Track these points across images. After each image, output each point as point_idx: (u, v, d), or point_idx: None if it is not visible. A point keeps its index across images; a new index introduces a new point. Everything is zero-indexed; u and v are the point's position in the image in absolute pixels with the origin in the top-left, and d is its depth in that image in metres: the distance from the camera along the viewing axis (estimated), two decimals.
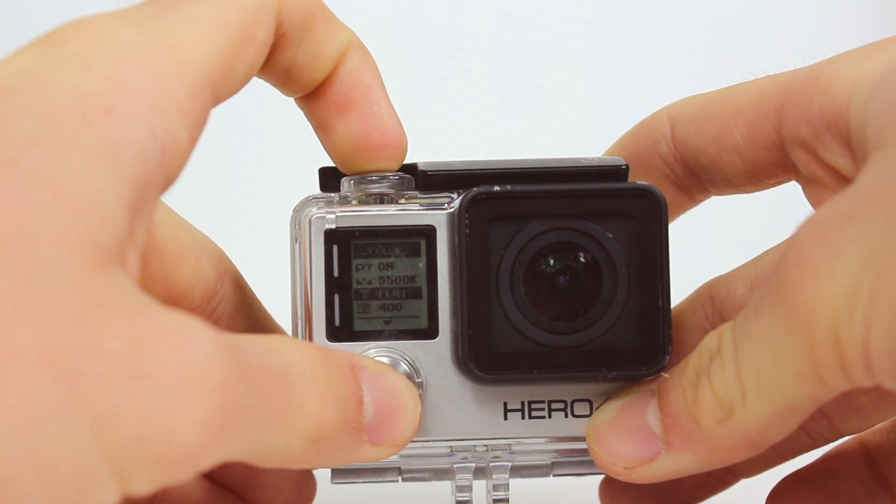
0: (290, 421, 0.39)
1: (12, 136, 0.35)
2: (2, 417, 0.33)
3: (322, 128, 0.49)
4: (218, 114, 0.43)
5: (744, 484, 0.56)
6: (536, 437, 0.49)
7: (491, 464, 0.50)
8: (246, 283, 0.53)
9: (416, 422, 0.44)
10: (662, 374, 0.47)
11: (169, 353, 0.35)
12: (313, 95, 0.48)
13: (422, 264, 0.48)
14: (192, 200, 0.53)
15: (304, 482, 0.55)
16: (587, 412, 0.49)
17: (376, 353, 0.48)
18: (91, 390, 0.33)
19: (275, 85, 0.48)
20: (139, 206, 0.37)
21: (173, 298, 0.50)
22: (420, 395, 0.47)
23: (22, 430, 0.33)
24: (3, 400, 0.33)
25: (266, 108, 0.67)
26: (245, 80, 0.43)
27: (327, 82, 0.48)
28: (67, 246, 0.35)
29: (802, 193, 0.51)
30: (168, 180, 0.39)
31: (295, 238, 0.49)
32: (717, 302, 0.54)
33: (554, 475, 0.50)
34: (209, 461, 0.36)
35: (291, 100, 0.49)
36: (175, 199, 0.45)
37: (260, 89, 0.48)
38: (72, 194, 0.35)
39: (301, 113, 0.50)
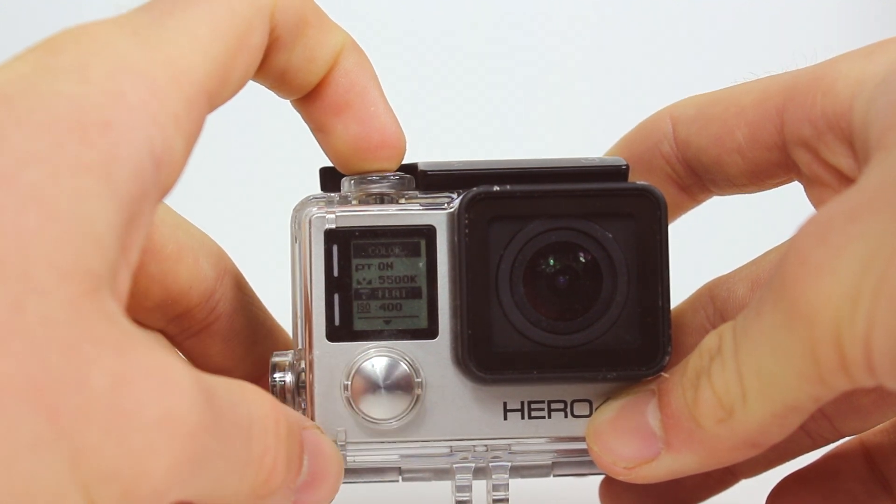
0: (246, 473, 0.40)
1: (11, 151, 0.35)
2: None
3: (320, 130, 0.49)
4: (218, 114, 0.43)
5: (744, 484, 0.56)
6: (536, 437, 0.49)
7: (491, 464, 0.50)
8: (246, 283, 0.53)
9: (336, 490, 0.45)
10: (662, 374, 0.47)
11: (150, 395, 0.35)
12: (310, 98, 0.48)
13: (422, 264, 0.48)
14: (192, 200, 0.53)
15: None
16: (587, 412, 0.49)
17: (376, 352, 0.48)
18: (73, 424, 0.34)
19: (270, 88, 0.48)
20: (133, 222, 0.37)
21: (171, 298, 0.50)
22: (416, 394, 0.48)
23: (3, 459, 0.33)
24: None
25: (266, 107, 0.67)
26: (240, 86, 0.43)
27: (323, 84, 0.48)
28: (60, 272, 0.35)
29: (804, 194, 0.51)
30: (163, 192, 0.39)
31: (295, 238, 0.49)
32: (717, 302, 0.54)
33: (554, 475, 0.50)
34: (169, 500, 0.36)
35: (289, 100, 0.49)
36: (175, 199, 0.45)
37: (259, 89, 0.48)
38: (67, 218, 0.35)
39: (299, 114, 0.49)
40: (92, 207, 0.36)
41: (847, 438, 0.55)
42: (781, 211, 0.60)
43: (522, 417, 0.49)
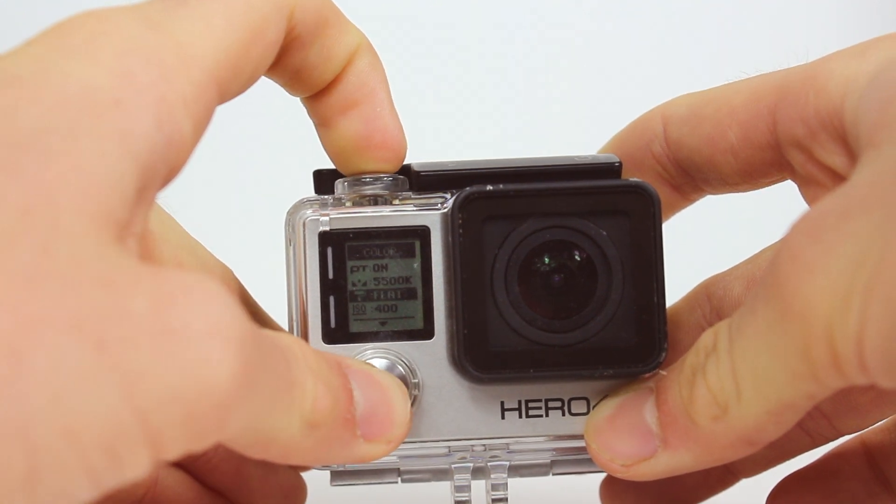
0: (293, 399, 0.39)
1: (27, 123, 0.36)
2: (31, 383, 0.32)
3: (323, 125, 0.49)
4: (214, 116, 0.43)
5: (744, 484, 0.56)
6: (534, 436, 0.49)
7: (489, 463, 0.50)
8: (253, 300, 0.53)
9: (408, 417, 0.45)
10: (660, 371, 0.47)
11: (194, 308, 0.35)
12: (319, 94, 0.48)
13: (416, 265, 0.48)
14: (187, 203, 0.53)
15: (292, 488, 0.55)
16: (584, 410, 0.49)
17: (373, 353, 0.48)
18: (120, 351, 0.33)
19: (282, 85, 0.48)
20: (143, 194, 0.38)
21: None
22: (413, 395, 0.48)
23: (52, 396, 0.32)
24: (31, 365, 0.32)
25: (261, 110, 0.67)
26: (253, 80, 0.44)
27: (334, 82, 0.48)
28: (87, 217, 0.35)
29: (799, 192, 0.51)
30: (171, 172, 0.40)
31: (289, 240, 0.49)
32: (714, 301, 0.54)
33: (553, 474, 0.50)
34: (232, 427, 0.36)
35: (287, 102, 0.49)
36: (171, 201, 0.45)
37: (256, 91, 0.48)
38: (89, 169, 0.35)
39: (297, 115, 0.50)
40: (112, 162, 0.36)
41: (847, 437, 0.55)
42: (777, 209, 0.60)
43: (520, 416, 0.49)
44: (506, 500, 0.50)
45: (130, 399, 0.33)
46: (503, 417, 0.49)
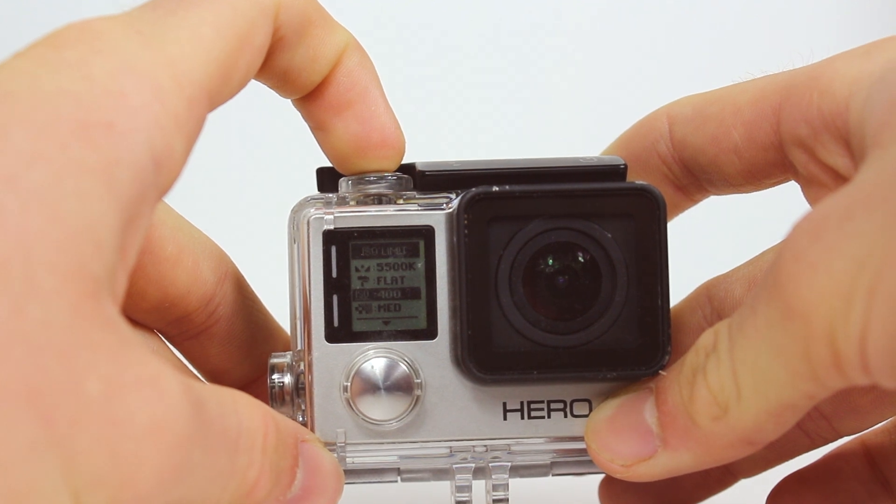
0: (228, 485, 0.40)
1: (15, 150, 0.35)
2: None
3: (320, 128, 0.49)
4: (216, 114, 0.43)
5: (743, 484, 0.56)
6: (536, 437, 0.49)
7: (490, 464, 0.50)
8: (247, 285, 0.53)
9: None
10: (660, 372, 0.47)
11: (141, 403, 0.36)
12: (311, 97, 0.48)
13: (420, 265, 0.48)
14: (190, 201, 0.53)
15: None
16: (586, 412, 0.49)
17: (375, 353, 0.48)
18: (67, 431, 0.34)
19: (272, 87, 0.48)
20: (132, 224, 0.38)
21: (169, 301, 0.50)
22: (416, 395, 0.48)
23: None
24: None
25: (264, 108, 0.67)
26: (242, 85, 0.44)
27: (325, 83, 0.48)
28: (62, 275, 0.35)
29: (801, 193, 0.51)
30: (162, 192, 0.40)
31: (293, 239, 0.49)
32: (715, 302, 0.54)
33: (553, 475, 0.50)
34: None
35: (289, 100, 0.49)
36: (173, 200, 0.45)
37: (258, 90, 0.48)
38: (69, 220, 0.35)
39: (299, 113, 0.50)
40: (94, 210, 0.36)
41: (847, 438, 0.55)
42: (779, 210, 0.60)
43: (522, 417, 0.49)
44: (506, 500, 0.50)
45: (67, 476, 0.34)
46: (505, 418, 0.49)
